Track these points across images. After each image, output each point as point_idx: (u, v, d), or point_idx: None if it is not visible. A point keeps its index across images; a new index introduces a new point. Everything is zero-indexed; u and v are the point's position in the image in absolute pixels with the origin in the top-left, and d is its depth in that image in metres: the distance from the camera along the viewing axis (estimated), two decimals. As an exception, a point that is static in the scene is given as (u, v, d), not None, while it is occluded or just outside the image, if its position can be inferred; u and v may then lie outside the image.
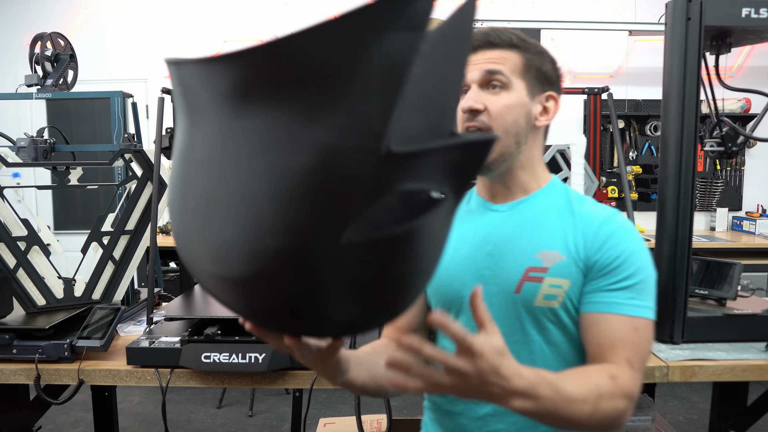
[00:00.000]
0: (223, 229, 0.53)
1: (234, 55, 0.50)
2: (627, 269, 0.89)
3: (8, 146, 1.73)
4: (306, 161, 0.48)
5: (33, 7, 4.21)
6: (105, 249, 1.67)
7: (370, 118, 0.48)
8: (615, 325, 0.88)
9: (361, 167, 0.49)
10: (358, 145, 0.48)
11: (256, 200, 0.50)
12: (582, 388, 0.78)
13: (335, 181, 0.49)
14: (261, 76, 0.49)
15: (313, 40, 0.47)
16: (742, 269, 1.53)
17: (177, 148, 0.59)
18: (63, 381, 1.37)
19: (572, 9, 4.12)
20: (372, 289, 0.57)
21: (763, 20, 1.33)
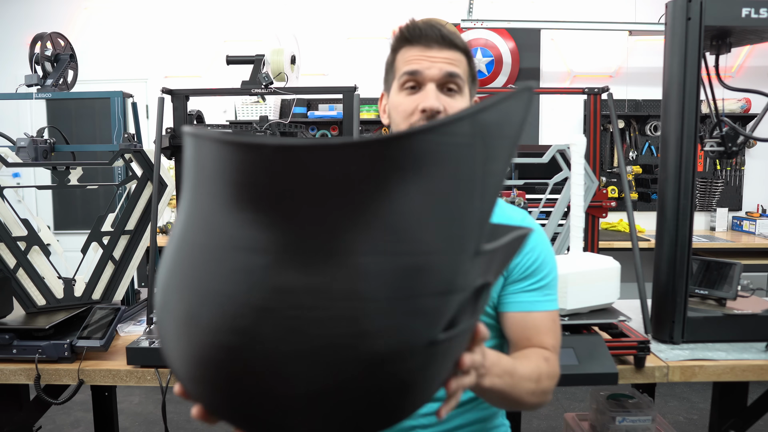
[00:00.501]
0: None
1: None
2: (542, 270, 0.98)
3: (8, 146, 1.73)
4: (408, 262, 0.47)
5: (33, 7, 4.21)
6: (105, 249, 1.67)
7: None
8: (539, 321, 0.96)
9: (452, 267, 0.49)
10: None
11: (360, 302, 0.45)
12: (529, 369, 0.86)
13: (434, 285, 0.48)
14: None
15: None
16: (742, 269, 1.53)
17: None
18: (63, 381, 1.37)
19: (572, 9, 4.12)
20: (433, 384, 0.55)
21: (763, 20, 1.33)
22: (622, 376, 1.29)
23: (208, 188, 0.46)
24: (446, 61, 0.92)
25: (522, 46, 4.11)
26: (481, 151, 0.48)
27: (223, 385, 0.48)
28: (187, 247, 0.48)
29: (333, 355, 0.45)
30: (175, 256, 0.49)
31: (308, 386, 0.46)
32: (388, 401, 0.50)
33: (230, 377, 0.47)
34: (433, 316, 0.48)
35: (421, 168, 0.45)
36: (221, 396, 0.49)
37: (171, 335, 0.49)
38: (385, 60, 1.02)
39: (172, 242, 0.50)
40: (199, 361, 0.47)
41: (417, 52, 0.93)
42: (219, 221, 0.46)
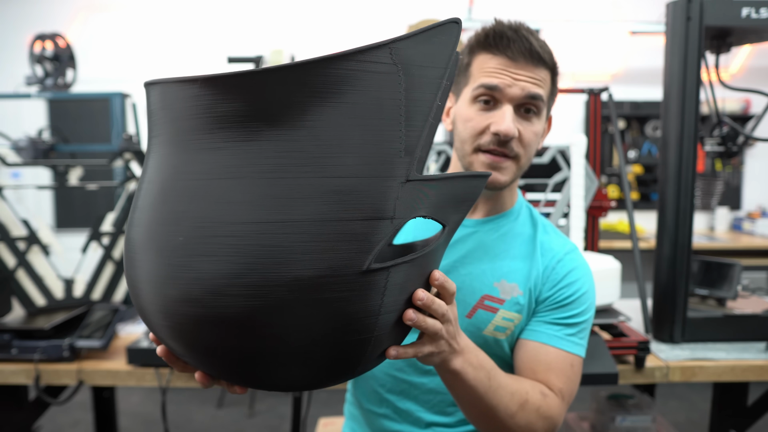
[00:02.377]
0: (224, 262, 0.48)
1: (244, 74, 0.47)
2: (577, 308, 0.88)
3: (8, 146, 1.73)
4: (332, 185, 0.49)
5: (33, 7, 4.21)
6: (105, 249, 1.67)
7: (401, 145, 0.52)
8: (553, 357, 0.85)
9: (383, 193, 0.51)
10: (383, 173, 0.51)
11: (274, 228, 0.48)
12: (513, 384, 0.78)
13: (360, 209, 0.50)
14: (284, 99, 0.48)
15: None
16: (742, 269, 1.53)
17: (154, 180, 0.53)
18: (63, 381, 1.37)
19: (572, 8, 4.12)
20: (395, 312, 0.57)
21: (763, 20, 1.33)
22: (622, 376, 1.29)
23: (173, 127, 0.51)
24: (531, 80, 0.82)
25: (522, 46, 4.10)
26: (402, 79, 0.51)
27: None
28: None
29: (263, 280, 0.48)
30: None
31: (242, 309, 0.49)
32: (333, 335, 0.52)
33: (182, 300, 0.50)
34: (362, 242, 0.50)
35: (341, 93, 0.48)
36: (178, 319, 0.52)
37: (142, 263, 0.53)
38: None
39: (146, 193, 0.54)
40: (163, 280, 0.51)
41: (499, 63, 0.83)
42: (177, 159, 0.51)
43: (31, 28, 3.72)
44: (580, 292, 0.89)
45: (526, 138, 0.85)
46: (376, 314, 0.54)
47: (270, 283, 0.48)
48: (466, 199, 0.60)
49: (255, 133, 0.48)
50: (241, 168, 0.49)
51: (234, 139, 0.49)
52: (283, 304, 0.49)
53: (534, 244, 0.92)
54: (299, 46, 3.99)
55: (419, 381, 0.92)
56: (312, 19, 4.16)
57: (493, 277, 0.89)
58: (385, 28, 4.07)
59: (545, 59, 0.84)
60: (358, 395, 1.01)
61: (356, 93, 0.49)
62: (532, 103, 0.84)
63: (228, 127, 0.49)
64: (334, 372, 0.56)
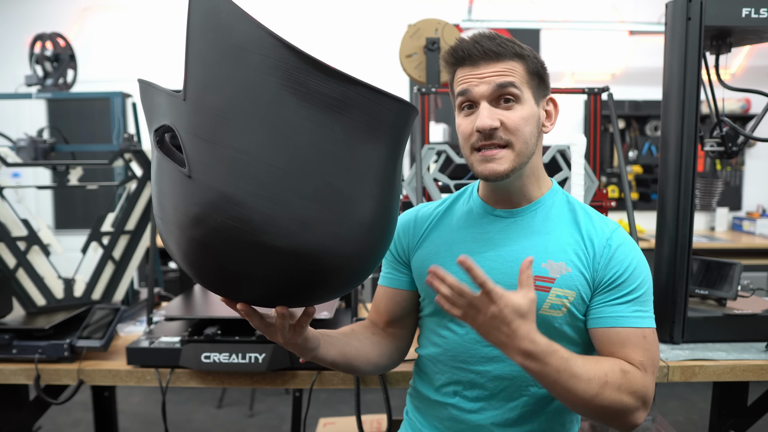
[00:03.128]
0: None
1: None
2: (632, 283, 0.93)
3: (8, 146, 1.73)
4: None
5: (33, 7, 4.21)
6: (105, 249, 1.67)
7: None
8: (624, 336, 0.91)
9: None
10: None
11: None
12: (590, 370, 0.83)
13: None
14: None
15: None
16: (742, 269, 1.53)
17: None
18: (63, 381, 1.37)
19: (572, 9, 4.12)
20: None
21: (763, 20, 1.33)
22: (622, 376, 1.29)
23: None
24: (495, 74, 0.90)
25: (522, 46, 4.10)
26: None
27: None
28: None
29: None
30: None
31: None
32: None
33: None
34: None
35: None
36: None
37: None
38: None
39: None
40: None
41: (465, 71, 0.93)
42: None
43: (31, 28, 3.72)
44: (633, 266, 0.93)
45: (511, 124, 0.91)
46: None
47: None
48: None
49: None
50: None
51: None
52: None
53: (576, 226, 0.97)
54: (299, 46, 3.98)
55: (483, 369, 0.97)
56: (312, 19, 4.16)
57: (540, 259, 0.94)
58: (386, 28, 4.08)
59: (506, 51, 0.91)
60: (422, 389, 1.06)
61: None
62: (505, 92, 0.90)
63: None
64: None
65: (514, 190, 0.98)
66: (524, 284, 0.78)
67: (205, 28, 0.68)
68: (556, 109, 0.99)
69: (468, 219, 1.03)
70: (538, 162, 1.00)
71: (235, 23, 0.66)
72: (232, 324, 1.40)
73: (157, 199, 0.75)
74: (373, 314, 1.13)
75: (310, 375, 1.33)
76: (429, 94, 1.64)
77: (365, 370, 1.05)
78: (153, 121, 0.76)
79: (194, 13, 0.68)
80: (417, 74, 1.81)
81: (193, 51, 0.68)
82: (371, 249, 0.78)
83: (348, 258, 0.74)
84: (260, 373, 1.33)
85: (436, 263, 1.00)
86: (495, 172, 0.92)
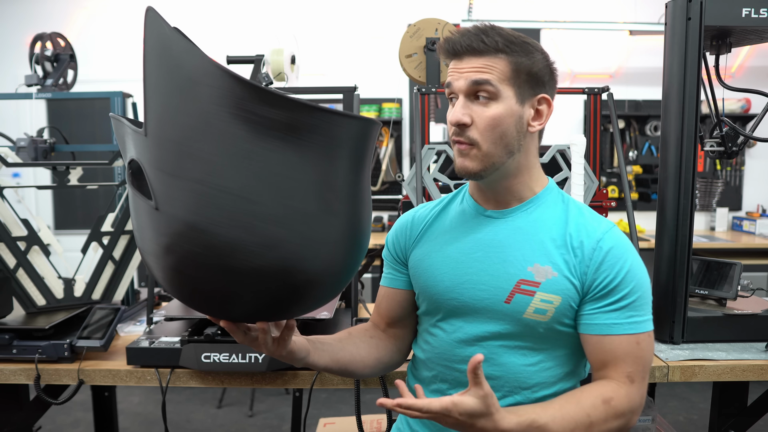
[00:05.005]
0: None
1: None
2: (625, 287, 0.90)
3: (8, 146, 1.73)
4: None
5: (33, 7, 4.21)
6: (105, 249, 1.67)
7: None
8: (617, 345, 0.90)
9: None
10: None
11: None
12: (571, 420, 0.84)
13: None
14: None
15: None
16: (742, 269, 1.53)
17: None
18: (63, 381, 1.37)
19: (572, 9, 4.12)
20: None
21: (763, 20, 1.33)
22: (622, 376, 1.29)
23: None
24: (473, 69, 0.90)
25: (522, 46, 4.10)
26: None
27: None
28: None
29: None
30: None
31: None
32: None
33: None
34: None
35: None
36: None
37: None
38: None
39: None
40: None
41: (453, 64, 0.94)
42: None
43: (31, 28, 3.72)
44: (625, 269, 0.91)
45: (480, 123, 0.91)
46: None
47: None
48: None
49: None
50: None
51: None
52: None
53: (567, 228, 0.95)
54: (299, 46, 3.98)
55: (466, 368, 0.96)
56: (312, 19, 4.16)
57: (526, 262, 0.93)
58: (386, 28, 4.08)
59: (489, 46, 0.89)
60: (413, 383, 1.07)
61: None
62: (480, 89, 0.90)
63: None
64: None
65: (500, 189, 0.98)
66: (473, 382, 0.78)
67: (159, 62, 0.70)
68: (549, 108, 0.96)
69: (460, 219, 1.03)
70: (527, 161, 0.97)
71: (185, 56, 0.68)
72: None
73: (135, 230, 0.81)
74: (375, 316, 1.14)
75: (310, 375, 1.33)
76: (429, 94, 1.64)
77: (363, 373, 1.06)
78: (125, 154, 0.79)
79: (149, 47, 0.70)
80: (417, 74, 1.81)
81: (149, 85, 0.71)
82: (340, 263, 0.80)
83: (317, 274, 0.78)
84: (260, 373, 1.33)
85: (428, 262, 1.03)
86: (466, 169, 0.94)
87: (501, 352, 0.95)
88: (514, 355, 0.95)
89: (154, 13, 0.69)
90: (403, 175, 1.66)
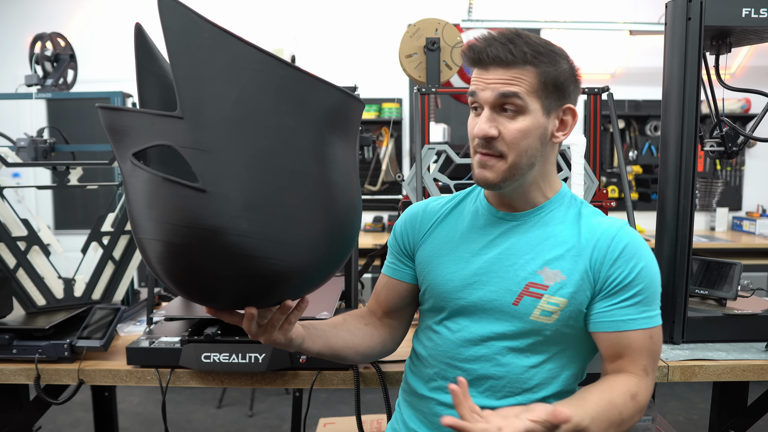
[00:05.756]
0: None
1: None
2: (638, 284, 0.92)
3: (8, 146, 1.73)
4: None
5: (33, 7, 4.21)
6: (105, 249, 1.67)
7: None
8: (632, 340, 0.92)
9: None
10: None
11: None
12: (606, 419, 0.85)
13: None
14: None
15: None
16: (742, 269, 1.53)
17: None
18: (63, 381, 1.37)
19: (572, 9, 4.12)
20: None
21: (763, 20, 1.33)
22: (622, 376, 1.29)
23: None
24: (501, 81, 0.88)
25: (522, 46, 4.10)
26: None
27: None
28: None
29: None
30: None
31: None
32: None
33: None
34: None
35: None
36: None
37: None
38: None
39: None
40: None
41: (477, 73, 0.92)
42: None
43: (31, 28, 3.72)
44: (640, 265, 0.92)
45: (507, 136, 0.90)
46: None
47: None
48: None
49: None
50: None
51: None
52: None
53: (579, 229, 0.96)
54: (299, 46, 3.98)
55: (469, 367, 0.98)
56: (312, 19, 4.16)
57: (536, 266, 0.94)
58: (386, 28, 4.08)
59: (517, 58, 0.88)
60: (412, 382, 1.07)
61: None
62: (507, 101, 0.89)
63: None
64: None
65: (516, 196, 0.98)
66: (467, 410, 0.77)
67: (188, 49, 0.70)
68: (574, 119, 0.96)
69: (473, 219, 1.03)
70: (545, 169, 0.98)
71: (219, 41, 0.70)
72: (232, 324, 1.39)
73: (151, 221, 0.73)
74: (373, 303, 1.15)
75: (310, 375, 1.33)
76: (429, 94, 1.64)
77: (354, 359, 1.07)
78: (128, 145, 0.74)
79: (172, 36, 0.70)
80: (417, 74, 1.81)
81: (181, 72, 0.70)
82: (322, 251, 0.81)
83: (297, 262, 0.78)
84: (260, 373, 1.33)
85: (438, 260, 1.03)
86: (486, 180, 0.93)
87: (505, 352, 0.96)
88: (518, 357, 0.95)
89: (171, 2, 0.69)
90: (403, 175, 1.66)
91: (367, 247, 3.45)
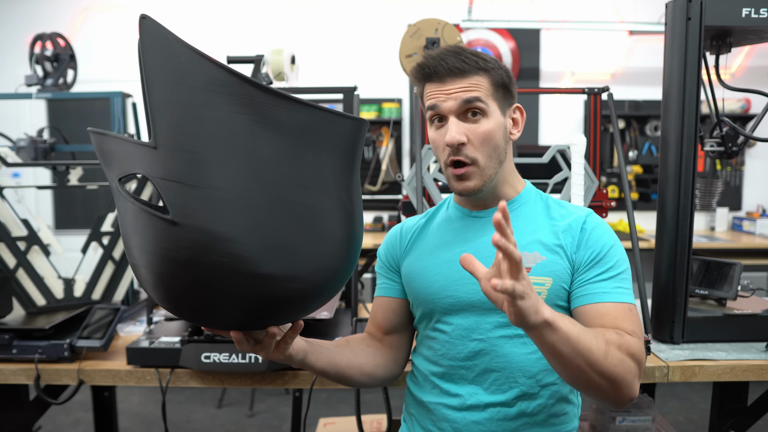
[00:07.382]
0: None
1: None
2: (610, 260, 0.96)
3: (8, 146, 1.73)
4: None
5: (33, 7, 4.21)
6: (105, 249, 1.67)
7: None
8: (611, 309, 0.93)
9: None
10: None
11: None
12: (591, 330, 0.84)
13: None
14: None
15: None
16: (742, 269, 1.53)
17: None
18: (63, 381, 1.37)
19: (572, 9, 4.12)
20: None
21: (763, 20, 1.33)
22: (622, 376, 1.29)
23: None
24: (461, 89, 0.95)
25: (522, 46, 4.11)
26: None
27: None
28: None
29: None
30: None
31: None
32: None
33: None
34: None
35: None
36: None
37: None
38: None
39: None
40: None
41: (433, 87, 0.97)
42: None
43: (31, 28, 3.72)
44: (609, 244, 0.97)
45: (476, 140, 0.96)
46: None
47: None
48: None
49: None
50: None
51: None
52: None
53: (551, 218, 1.02)
54: (299, 46, 3.98)
55: (471, 363, 0.99)
56: (312, 19, 4.16)
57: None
58: (386, 28, 4.07)
59: (470, 67, 0.94)
60: (416, 391, 1.07)
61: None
62: (471, 106, 0.95)
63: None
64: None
65: (490, 196, 1.04)
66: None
67: (165, 74, 0.68)
68: (522, 116, 1.04)
69: (447, 224, 1.08)
70: (510, 166, 1.05)
71: (196, 66, 0.67)
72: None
73: (133, 245, 0.74)
74: (371, 326, 1.16)
75: (310, 375, 1.33)
76: (429, 94, 1.63)
77: (359, 380, 1.06)
78: (113, 169, 0.75)
79: (150, 58, 0.68)
80: (417, 74, 1.80)
81: (155, 98, 0.68)
82: (337, 266, 0.79)
83: (314, 282, 0.76)
84: (260, 373, 1.33)
85: (420, 268, 1.06)
86: (468, 189, 0.98)
87: (501, 343, 0.97)
88: (515, 345, 0.97)
89: (152, 22, 0.67)
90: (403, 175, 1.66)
91: (367, 247, 3.45)
